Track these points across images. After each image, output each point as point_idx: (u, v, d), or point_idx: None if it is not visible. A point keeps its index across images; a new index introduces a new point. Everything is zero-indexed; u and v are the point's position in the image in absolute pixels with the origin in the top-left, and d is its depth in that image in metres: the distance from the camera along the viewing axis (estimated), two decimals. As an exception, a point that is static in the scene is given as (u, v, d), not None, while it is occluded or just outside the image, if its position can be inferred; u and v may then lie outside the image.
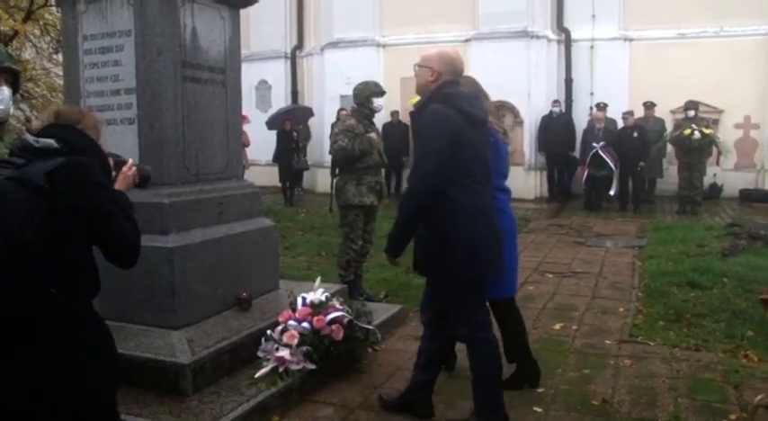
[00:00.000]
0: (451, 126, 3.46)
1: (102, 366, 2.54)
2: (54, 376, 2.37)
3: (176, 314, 4.23)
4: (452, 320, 3.73)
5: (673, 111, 14.08)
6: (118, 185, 2.71)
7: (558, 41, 15.40)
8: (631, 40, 14.99)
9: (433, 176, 3.48)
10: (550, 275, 7.72)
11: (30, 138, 2.43)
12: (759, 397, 3.93)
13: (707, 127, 12.48)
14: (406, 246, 3.71)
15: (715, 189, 14.37)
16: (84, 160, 2.44)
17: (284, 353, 4.22)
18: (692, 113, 12.58)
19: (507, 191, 4.35)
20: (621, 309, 6.22)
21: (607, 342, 5.33)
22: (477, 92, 4.19)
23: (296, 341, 4.29)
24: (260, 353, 4.35)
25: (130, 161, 2.78)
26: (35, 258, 2.26)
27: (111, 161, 2.67)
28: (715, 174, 14.27)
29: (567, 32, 15.33)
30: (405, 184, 15.67)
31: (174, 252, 4.22)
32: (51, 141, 2.42)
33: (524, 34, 14.54)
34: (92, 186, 2.42)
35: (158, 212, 4.30)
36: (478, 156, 3.63)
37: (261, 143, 15.23)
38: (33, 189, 2.27)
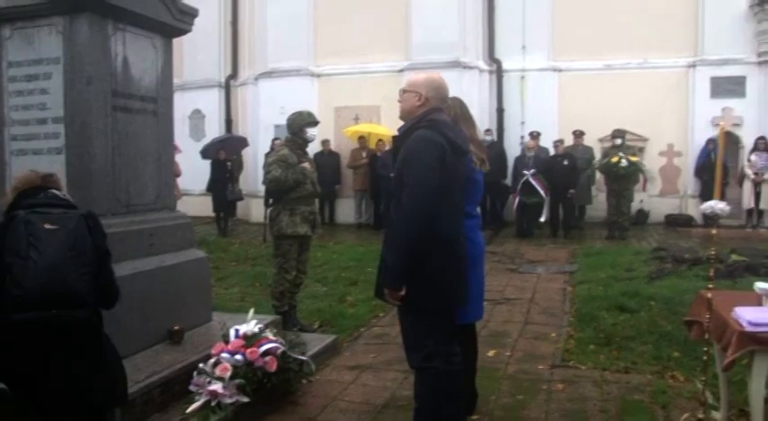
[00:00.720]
0: (439, 151, 3.43)
1: (115, 374, 3.27)
2: (84, 374, 3.05)
3: (105, 348, 4.12)
4: (407, 346, 3.70)
5: (601, 140, 14.49)
6: None
7: (490, 72, 15.71)
8: (560, 70, 15.39)
9: (437, 190, 3.37)
10: (484, 302, 7.75)
11: (58, 192, 3.21)
12: (684, 415, 4.07)
13: (633, 155, 12.91)
14: (407, 276, 3.42)
15: (642, 214, 14.81)
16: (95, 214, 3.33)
17: (217, 386, 4.15)
18: (619, 141, 12.94)
19: (476, 216, 4.30)
20: (553, 335, 6.32)
21: (540, 367, 5.40)
22: (463, 114, 4.25)
23: (229, 374, 4.22)
24: (192, 388, 4.26)
25: None
26: (93, 277, 3.01)
27: None
28: (642, 201, 14.69)
29: (498, 63, 15.67)
30: (339, 214, 15.68)
31: (103, 285, 4.11)
32: (68, 196, 3.27)
33: (457, 64, 14.74)
34: (103, 232, 3.25)
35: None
36: (456, 184, 3.61)
37: (194, 173, 15.07)
38: (87, 224, 3.07)
